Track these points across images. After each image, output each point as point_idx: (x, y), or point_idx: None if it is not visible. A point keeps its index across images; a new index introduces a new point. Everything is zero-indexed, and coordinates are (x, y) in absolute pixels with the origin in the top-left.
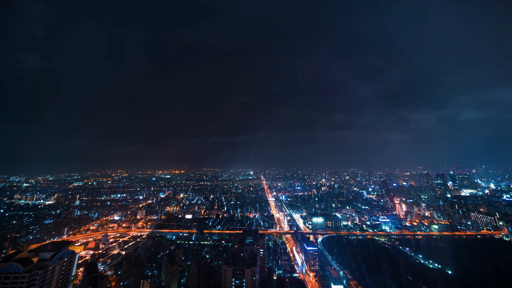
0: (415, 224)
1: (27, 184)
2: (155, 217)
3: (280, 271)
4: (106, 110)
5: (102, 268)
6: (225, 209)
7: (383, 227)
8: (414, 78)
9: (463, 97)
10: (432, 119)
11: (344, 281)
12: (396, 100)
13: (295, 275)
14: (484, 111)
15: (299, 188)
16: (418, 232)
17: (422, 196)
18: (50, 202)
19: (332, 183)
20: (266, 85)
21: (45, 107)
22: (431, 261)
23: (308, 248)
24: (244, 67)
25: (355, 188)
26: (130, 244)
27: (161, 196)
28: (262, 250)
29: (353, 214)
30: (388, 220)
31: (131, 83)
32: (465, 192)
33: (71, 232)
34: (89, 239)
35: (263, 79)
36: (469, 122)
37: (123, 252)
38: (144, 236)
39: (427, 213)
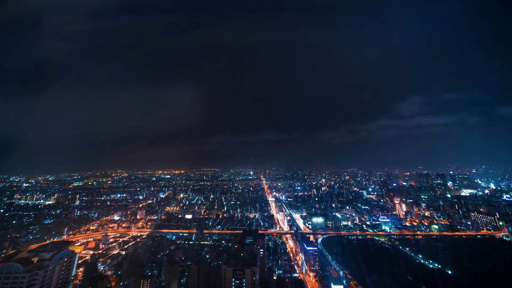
0: (415, 224)
1: (27, 184)
2: (155, 217)
3: (280, 271)
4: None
5: (102, 268)
6: (225, 209)
7: (383, 227)
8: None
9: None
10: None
11: (344, 281)
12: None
13: (295, 275)
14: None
15: (299, 188)
16: (418, 232)
17: (422, 196)
18: (50, 202)
19: (332, 183)
20: (268, 84)
21: (44, 107)
22: (431, 261)
23: (308, 248)
24: (245, 66)
25: (355, 188)
26: (130, 244)
27: (161, 196)
28: (262, 250)
29: (353, 214)
30: (388, 220)
31: (129, 82)
32: (465, 192)
33: (71, 232)
34: (89, 239)
35: (266, 78)
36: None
37: (123, 252)
38: (144, 236)
39: (427, 213)
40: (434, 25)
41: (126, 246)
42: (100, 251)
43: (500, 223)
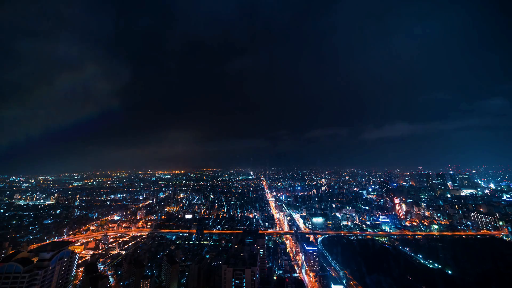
0: (415, 224)
1: (27, 184)
2: (155, 217)
3: (280, 271)
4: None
5: (102, 268)
6: (225, 209)
7: (383, 227)
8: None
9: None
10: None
11: (344, 281)
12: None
13: (295, 275)
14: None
15: (299, 188)
16: (418, 232)
17: (422, 196)
18: (50, 202)
19: (332, 183)
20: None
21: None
22: (431, 261)
23: (308, 248)
24: (246, 70)
25: (355, 188)
26: (130, 244)
27: (161, 196)
28: (262, 250)
29: (353, 214)
30: (388, 220)
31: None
32: (465, 192)
33: (71, 232)
34: (89, 239)
35: (266, 82)
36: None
37: (123, 252)
38: (144, 236)
39: (427, 213)
40: (434, 29)
41: (126, 246)
42: (100, 251)
43: (500, 223)
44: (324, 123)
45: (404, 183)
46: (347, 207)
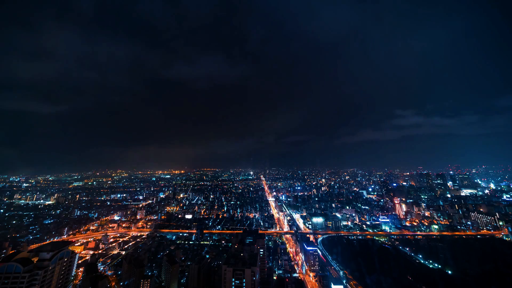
0: (415, 224)
1: (27, 184)
2: (155, 217)
3: (280, 271)
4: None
5: (102, 268)
6: (225, 209)
7: (383, 227)
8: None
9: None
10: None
11: (344, 281)
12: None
13: (295, 275)
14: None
15: (299, 188)
16: (418, 232)
17: (422, 196)
18: (50, 202)
19: (332, 183)
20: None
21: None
22: (431, 261)
23: (308, 248)
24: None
25: (355, 188)
26: (130, 244)
27: (161, 196)
28: (262, 250)
29: (353, 214)
30: (388, 220)
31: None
32: (465, 192)
33: (71, 232)
34: (89, 239)
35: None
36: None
37: (123, 252)
38: (144, 236)
39: (427, 213)
40: (434, 35)
41: (126, 246)
42: (100, 251)
43: (500, 223)
44: (325, 124)
45: (404, 183)
46: (347, 207)
